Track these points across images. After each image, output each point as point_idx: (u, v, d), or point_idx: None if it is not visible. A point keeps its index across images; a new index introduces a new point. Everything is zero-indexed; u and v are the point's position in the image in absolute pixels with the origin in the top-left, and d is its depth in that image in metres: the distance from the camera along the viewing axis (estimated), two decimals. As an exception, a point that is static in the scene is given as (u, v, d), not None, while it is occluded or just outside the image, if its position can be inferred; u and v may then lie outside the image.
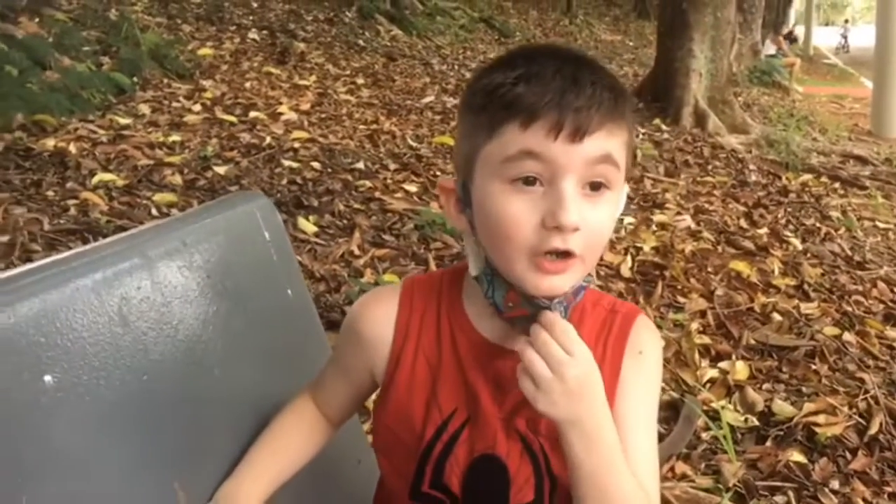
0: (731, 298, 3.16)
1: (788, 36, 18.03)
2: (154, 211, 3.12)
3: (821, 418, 2.31)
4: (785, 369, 2.65)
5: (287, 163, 4.08)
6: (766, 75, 13.28)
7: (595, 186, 0.79)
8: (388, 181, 4.10)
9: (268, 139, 4.44)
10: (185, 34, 6.83)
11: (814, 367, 2.66)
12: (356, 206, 3.64)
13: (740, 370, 2.58)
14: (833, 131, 8.41)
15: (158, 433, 0.89)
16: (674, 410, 2.31)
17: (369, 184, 3.95)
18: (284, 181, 3.83)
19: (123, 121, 4.30)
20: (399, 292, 0.96)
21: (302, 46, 7.51)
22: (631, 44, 16.23)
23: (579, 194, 0.78)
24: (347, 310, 2.03)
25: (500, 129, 0.78)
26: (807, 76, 16.81)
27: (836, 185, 5.77)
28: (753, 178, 5.60)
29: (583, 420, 0.79)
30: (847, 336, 2.93)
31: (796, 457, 2.13)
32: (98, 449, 0.81)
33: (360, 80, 6.78)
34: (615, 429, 0.82)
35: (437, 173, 4.35)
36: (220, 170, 3.79)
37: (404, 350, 0.93)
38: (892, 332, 3.03)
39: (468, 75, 7.84)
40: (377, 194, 3.82)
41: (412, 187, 4.00)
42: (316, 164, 4.15)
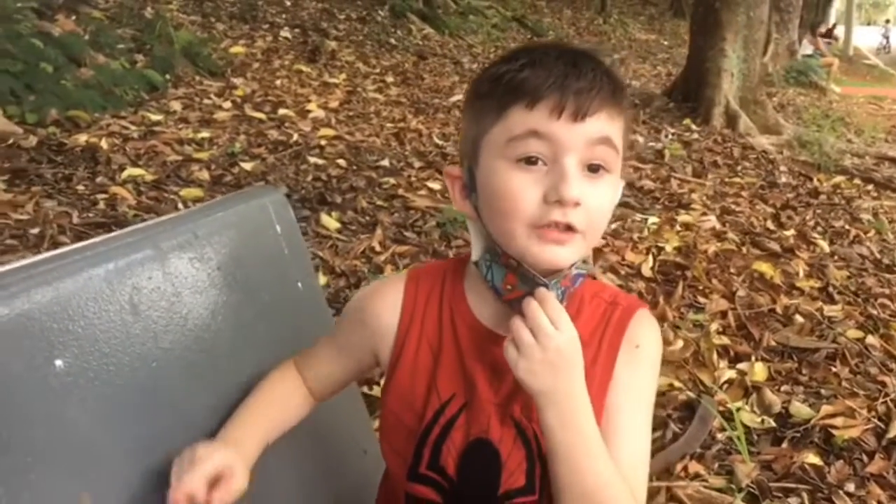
0: (753, 300, 3.13)
1: (828, 35, 17.65)
2: (181, 206, 3.19)
3: (838, 421, 2.28)
4: (805, 371, 2.62)
5: (313, 160, 4.14)
6: (802, 75, 13.03)
7: (595, 168, 0.84)
8: (413, 179, 4.13)
9: (295, 136, 4.51)
10: (218, 32, 6.94)
11: (834, 370, 2.62)
12: (379, 202, 3.68)
13: (759, 371, 2.56)
14: (869, 133, 8.24)
15: (166, 419, 0.92)
16: (689, 410, 2.31)
17: (393, 181, 3.99)
18: (309, 178, 3.88)
19: (155, 117, 4.39)
20: (405, 281, 0.99)
21: (333, 45, 7.58)
22: (665, 43, 16.02)
23: (580, 173, 0.82)
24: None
25: (507, 112, 0.83)
26: (845, 76, 16.46)
27: (869, 187, 5.64)
28: (783, 179, 5.51)
29: (558, 393, 0.81)
30: (871, 339, 2.88)
31: (812, 459, 2.11)
32: (106, 432, 0.84)
33: (389, 79, 6.82)
34: (592, 415, 0.83)
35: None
36: (247, 166, 3.86)
37: (408, 336, 0.96)
38: (918, 336, 2.98)
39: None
40: (400, 191, 3.86)
41: (436, 185, 4.02)
42: (341, 162, 4.21)
